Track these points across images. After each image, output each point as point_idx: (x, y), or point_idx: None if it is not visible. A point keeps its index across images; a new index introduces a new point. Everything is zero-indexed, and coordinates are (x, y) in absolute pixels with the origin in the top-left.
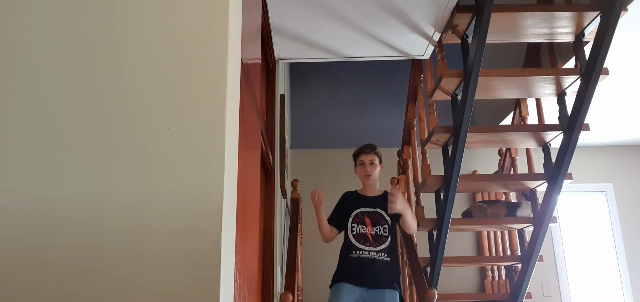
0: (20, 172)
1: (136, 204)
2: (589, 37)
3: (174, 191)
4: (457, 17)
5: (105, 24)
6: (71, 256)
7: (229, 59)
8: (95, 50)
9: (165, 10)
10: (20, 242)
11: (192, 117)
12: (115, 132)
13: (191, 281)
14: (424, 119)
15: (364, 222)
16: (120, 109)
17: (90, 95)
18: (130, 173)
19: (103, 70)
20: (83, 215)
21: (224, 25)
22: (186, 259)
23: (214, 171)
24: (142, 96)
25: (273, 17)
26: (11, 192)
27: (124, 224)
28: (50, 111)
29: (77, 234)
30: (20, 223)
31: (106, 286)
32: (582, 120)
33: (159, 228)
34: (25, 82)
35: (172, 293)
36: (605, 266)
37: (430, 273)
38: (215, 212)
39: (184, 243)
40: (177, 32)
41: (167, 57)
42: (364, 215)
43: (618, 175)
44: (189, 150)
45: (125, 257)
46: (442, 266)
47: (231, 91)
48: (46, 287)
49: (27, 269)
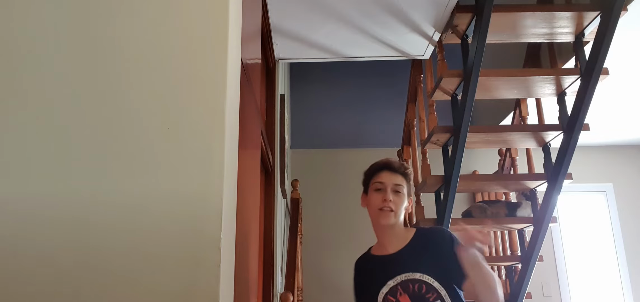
0: (20, 172)
1: (136, 204)
2: (589, 37)
3: (173, 191)
4: (457, 17)
5: (105, 24)
6: (71, 256)
7: (229, 59)
8: (95, 51)
9: (165, 11)
10: (20, 242)
11: (192, 117)
12: (115, 132)
13: (191, 281)
14: (424, 119)
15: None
16: (120, 109)
17: (90, 96)
18: (130, 173)
19: (103, 71)
20: (83, 215)
21: (224, 26)
22: (186, 260)
23: (214, 171)
24: (142, 96)
25: (273, 17)
26: (11, 192)
27: (123, 224)
28: (50, 111)
29: (77, 234)
30: (20, 223)
31: (106, 286)
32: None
33: (158, 228)
34: (25, 82)
35: (172, 293)
36: (605, 266)
37: None
38: (215, 213)
39: (183, 243)
40: (177, 32)
41: (167, 57)
42: (396, 291)
43: (618, 175)
44: (189, 150)
45: (124, 257)
46: None
47: (231, 91)
48: (46, 287)
49: (27, 269)
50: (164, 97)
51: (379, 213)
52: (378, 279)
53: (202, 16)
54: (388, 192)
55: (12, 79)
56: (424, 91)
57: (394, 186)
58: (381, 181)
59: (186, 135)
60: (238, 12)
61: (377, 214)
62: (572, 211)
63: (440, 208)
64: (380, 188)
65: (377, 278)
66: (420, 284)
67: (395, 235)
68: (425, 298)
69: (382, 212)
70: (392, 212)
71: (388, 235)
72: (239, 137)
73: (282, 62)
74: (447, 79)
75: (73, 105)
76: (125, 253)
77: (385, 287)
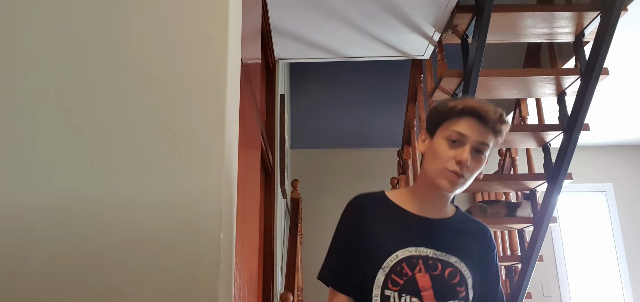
0: (20, 172)
1: (136, 204)
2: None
3: (174, 190)
4: (457, 17)
5: (105, 24)
6: (70, 256)
7: (229, 59)
8: (95, 50)
9: (166, 10)
10: (20, 242)
11: (192, 117)
12: (115, 132)
13: (191, 281)
14: (424, 119)
15: (415, 288)
16: (120, 109)
17: (90, 95)
18: (130, 173)
19: (103, 70)
20: (83, 215)
21: (224, 25)
22: (186, 259)
23: (214, 170)
24: (142, 96)
25: (273, 17)
26: (11, 192)
27: (123, 224)
28: (50, 111)
29: (77, 233)
30: (20, 223)
31: (106, 286)
32: (582, 121)
33: (158, 228)
34: (25, 82)
35: (172, 293)
36: (605, 266)
37: None
38: (215, 212)
39: (183, 243)
40: (177, 32)
41: (167, 57)
42: (416, 265)
43: (618, 175)
44: (189, 150)
45: (124, 256)
46: None
47: (231, 91)
48: (46, 286)
49: (26, 268)
50: (164, 97)
51: (444, 173)
52: (396, 235)
53: (202, 16)
54: (467, 151)
55: (12, 79)
56: (424, 91)
57: (478, 144)
58: (463, 132)
59: (186, 135)
60: (238, 12)
61: (439, 173)
62: (572, 211)
63: None
64: (458, 140)
65: (394, 233)
66: (453, 271)
67: (440, 201)
68: (455, 291)
69: (449, 174)
70: (461, 179)
71: (432, 198)
72: (239, 137)
73: (282, 62)
74: (447, 79)
75: (73, 106)
76: (125, 253)
77: (402, 250)
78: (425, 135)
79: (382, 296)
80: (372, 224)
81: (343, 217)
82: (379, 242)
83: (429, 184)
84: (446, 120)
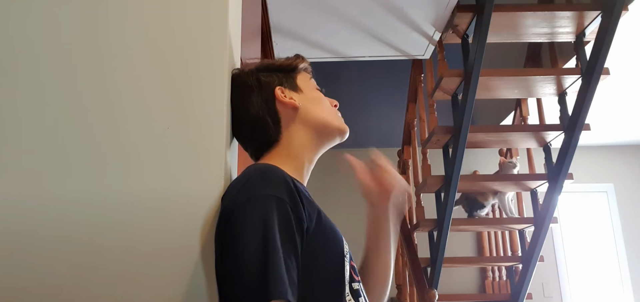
0: (19, 172)
1: (135, 204)
2: (589, 36)
3: (173, 190)
4: (457, 16)
5: (105, 24)
6: (69, 256)
7: (229, 59)
8: (94, 50)
9: (165, 10)
10: (20, 242)
11: (192, 117)
12: (114, 132)
13: (190, 281)
14: (424, 119)
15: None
16: (119, 109)
17: (90, 95)
18: (129, 173)
19: (102, 70)
20: (82, 215)
21: (224, 25)
22: (186, 260)
23: (214, 171)
24: (142, 96)
25: (273, 17)
26: (11, 192)
27: (123, 224)
28: (50, 111)
29: (76, 233)
30: (20, 223)
31: (105, 286)
32: (583, 120)
33: (158, 228)
34: (24, 81)
35: (172, 293)
36: (606, 266)
37: (430, 273)
38: (215, 213)
39: (183, 243)
40: (177, 31)
41: (167, 57)
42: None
43: (619, 175)
44: (189, 150)
45: (123, 257)
46: (442, 267)
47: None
48: (45, 286)
49: (26, 269)
50: (163, 97)
51: (338, 116)
52: (334, 227)
53: (202, 16)
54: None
55: (11, 78)
56: (424, 91)
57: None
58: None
59: (186, 135)
60: (238, 12)
61: (334, 114)
62: (573, 211)
63: (441, 208)
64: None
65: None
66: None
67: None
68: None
69: (339, 118)
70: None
71: (314, 159)
72: None
73: None
74: (447, 78)
75: (72, 105)
76: (124, 253)
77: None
78: (283, 89)
79: (351, 290)
80: (310, 202)
81: (283, 201)
82: (330, 224)
83: (324, 136)
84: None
